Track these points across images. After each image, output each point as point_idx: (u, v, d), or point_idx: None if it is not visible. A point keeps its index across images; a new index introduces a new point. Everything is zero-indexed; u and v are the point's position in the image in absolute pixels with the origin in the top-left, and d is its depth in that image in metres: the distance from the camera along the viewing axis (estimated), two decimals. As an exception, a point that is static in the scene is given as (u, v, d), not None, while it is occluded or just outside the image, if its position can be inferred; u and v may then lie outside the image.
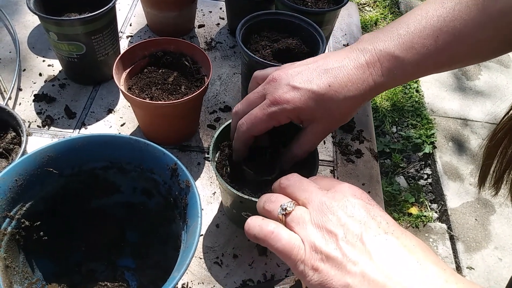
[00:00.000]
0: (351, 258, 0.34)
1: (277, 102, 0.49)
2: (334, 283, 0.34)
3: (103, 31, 0.71)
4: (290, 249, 0.36)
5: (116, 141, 0.48)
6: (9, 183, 0.44)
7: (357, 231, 0.35)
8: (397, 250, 0.35)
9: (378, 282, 0.33)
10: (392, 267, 0.34)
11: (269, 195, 0.43)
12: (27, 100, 0.75)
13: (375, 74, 0.48)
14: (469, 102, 2.18)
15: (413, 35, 0.48)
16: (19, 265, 0.46)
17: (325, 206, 0.38)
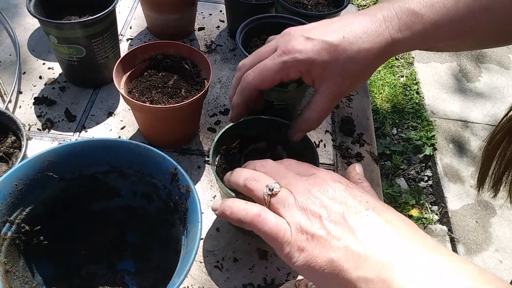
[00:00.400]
0: (334, 235, 0.35)
1: (289, 51, 0.47)
2: (318, 260, 0.35)
3: (103, 34, 0.71)
4: (277, 232, 0.37)
5: (117, 146, 0.48)
6: (9, 187, 0.44)
7: (339, 210, 0.36)
8: (379, 224, 0.35)
9: (361, 255, 0.34)
10: (374, 240, 0.34)
11: (250, 172, 0.43)
12: (27, 103, 0.75)
13: (392, 29, 0.46)
14: (470, 104, 2.18)
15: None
16: (19, 269, 0.46)
17: (308, 191, 0.38)
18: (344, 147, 0.75)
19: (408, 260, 0.33)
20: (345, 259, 0.34)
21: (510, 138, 0.45)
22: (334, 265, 0.35)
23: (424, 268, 0.32)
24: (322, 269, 0.35)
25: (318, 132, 0.77)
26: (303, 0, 0.81)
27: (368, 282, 0.33)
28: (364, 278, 0.33)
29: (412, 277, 0.31)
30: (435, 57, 2.43)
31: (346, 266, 0.34)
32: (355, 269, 0.34)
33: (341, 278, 0.34)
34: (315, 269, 0.36)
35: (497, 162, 0.47)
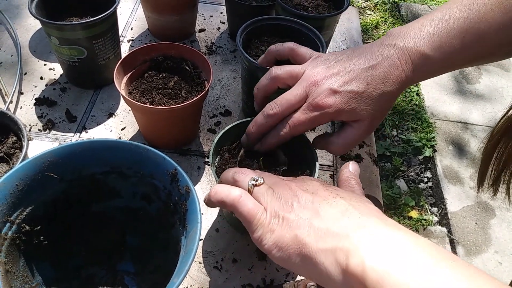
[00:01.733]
0: (301, 217, 0.39)
1: (320, 107, 0.51)
2: (285, 239, 0.39)
3: (104, 36, 0.71)
4: (254, 214, 0.41)
5: (117, 147, 0.48)
6: (10, 188, 0.44)
7: (309, 198, 0.41)
8: (342, 206, 0.39)
9: (321, 228, 0.37)
10: (335, 217, 0.38)
11: (238, 168, 0.48)
12: (28, 103, 0.76)
13: (407, 70, 0.51)
14: (470, 106, 2.18)
15: (442, 35, 0.51)
16: (19, 269, 0.46)
17: (286, 185, 0.43)
18: (343, 148, 0.76)
19: (366, 232, 0.35)
20: (307, 233, 0.38)
21: (507, 138, 0.46)
22: (298, 241, 0.38)
23: (381, 238, 0.35)
24: (287, 247, 0.38)
25: (318, 134, 0.77)
26: (303, 2, 0.81)
27: (327, 253, 0.36)
28: (323, 249, 0.36)
29: (369, 245, 0.34)
30: (436, 59, 2.43)
31: (308, 239, 0.37)
32: (315, 242, 0.37)
33: (304, 253, 0.37)
34: (282, 248, 0.39)
35: (495, 161, 0.49)
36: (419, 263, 0.32)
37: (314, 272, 0.37)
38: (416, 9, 2.70)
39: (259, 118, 0.56)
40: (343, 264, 0.34)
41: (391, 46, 0.52)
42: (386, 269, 0.32)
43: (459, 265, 0.31)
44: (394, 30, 0.54)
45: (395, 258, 0.32)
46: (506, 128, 0.46)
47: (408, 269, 0.31)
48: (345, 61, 0.53)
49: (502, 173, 0.49)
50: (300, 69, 0.55)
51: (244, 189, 0.44)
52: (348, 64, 0.53)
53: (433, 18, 0.52)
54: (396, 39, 0.52)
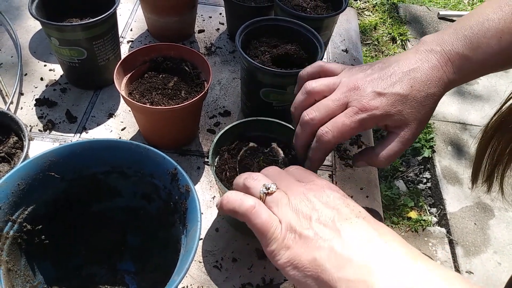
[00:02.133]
0: (321, 236, 0.37)
1: (366, 109, 0.49)
2: (302, 259, 0.36)
3: (104, 37, 0.72)
4: (268, 227, 0.39)
5: (117, 146, 0.48)
6: (11, 187, 0.44)
7: (329, 214, 0.38)
8: (366, 230, 0.37)
9: (344, 256, 0.35)
10: (359, 244, 0.36)
11: (250, 173, 0.45)
12: (28, 104, 0.76)
13: (449, 72, 0.51)
14: (468, 107, 2.19)
15: (479, 36, 0.50)
16: (20, 268, 0.46)
17: (303, 194, 0.40)
18: (342, 148, 0.76)
19: (390, 265, 0.34)
20: (328, 259, 0.35)
21: (500, 134, 0.47)
22: (317, 265, 0.36)
23: (404, 273, 0.33)
24: (304, 268, 0.36)
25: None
26: (302, 3, 0.82)
27: (349, 283, 0.34)
28: (345, 279, 0.34)
29: (391, 280, 0.32)
30: (434, 59, 2.44)
31: (329, 266, 0.35)
32: (337, 270, 0.35)
33: (322, 278, 0.35)
34: (297, 267, 0.37)
35: (489, 156, 0.50)
36: None
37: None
38: (415, 10, 2.71)
39: (297, 128, 0.53)
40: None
41: (429, 51, 0.51)
42: None
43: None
44: (427, 38, 0.53)
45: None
46: (499, 124, 0.47)
47: None
48: (382, 68, 0.52)
49: (496, 168, 0.49)
50: (336, 79, 0.53)
51: (256, 196, 0.42)
52: (387, 69, 0.51)
53: (466, 22, 0.52)
54: (431, 45, 0.52)
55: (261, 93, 0.69)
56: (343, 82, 0.52)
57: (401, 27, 2.57)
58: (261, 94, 0.69)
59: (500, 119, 0.46)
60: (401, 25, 2.59)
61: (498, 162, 0.48)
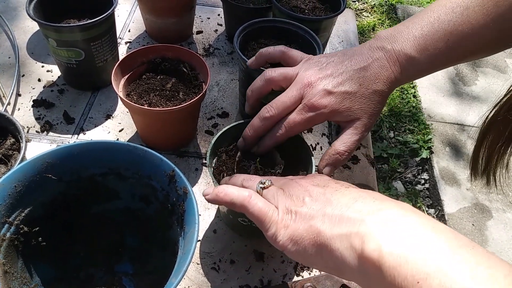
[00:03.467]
0: (314, 208, 0.40)
1: (315, 107, 0.53)
2: (300, 231, 0.39)
3: (102, 38, 0.71)
4: (265, 212, 0.42)
5: (115, 148, 0.48)
6: (8, 189, 0.44)
7: (320, 190, 0.42)
8: (355, 193, 0.40)
9: (335, 215, 0.38)
10: (349, 204, 0.38)
11: (247, 175, 0.49)
12: (26, 105, 0.76)
13: (396, 72, 0.54)
14: (466, 108, 2.19)
15: (427, 38, 0.54)
16: (17, 270, 0.46)
17: (295, 182, 0.44)
18: (340, 150, 0.76)
19: (381, 216, 0.35)
20: (322, 222, 0.38)
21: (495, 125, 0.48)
22: (312, 230, 0.38)
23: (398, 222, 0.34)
24: (302, 239, 0.39)
25: (315, 135, 0.78)
26: (300, 5, 0.82)
27: (342, 238, 0.36)
28: (339, 235, 0.36)
29: (385, 229, 0.34)
30: (432, 61, 2.44)
31: (323, 227, 0.38)
32: (330, 229, 0.37)
33: (319, 241, 0.37)
34: (297, 241, 0.39)
35: (484, 149, 0.51)
36: (437, 249, 0.31)
37: (329, 260, 0.37)
38: (413, 11, 2.72)
39: (255, 121, 0.56)
40: (358, 249, 0.34)
41: (380, 48, 0.55)
42: (403, 254, 0.31)
43: (479, 252, 0.31)
44: (382, 33, 0.56)
45: (413, 244, 0.32)
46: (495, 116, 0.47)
47: (426, 255, 0.31)
48: (336, 63, 0.55)
49: (490, 161, 0.51)
50: (294, 71, 0.56)
51: (253, 186, 0.46)
52: (340, 66, 0.55)
53: (419, 21, 0.55)
54: (384, 42, 0.55)
55: (259, 95, 0.69)
56: (299, 76, 0.55)
57: (399, 28, 2.57)
58: (259, 96, 0.69)
59: (498, 111, 0.47)
60: (399, 26, 2.59)
61: (492, 154, 0.49)
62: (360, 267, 0.34)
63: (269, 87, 0.58)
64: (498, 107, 0.46)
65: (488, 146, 0.50)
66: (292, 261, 0.61)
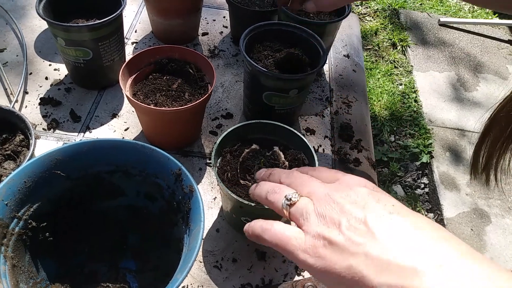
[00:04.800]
0: (354, 241, 0.34)
1: None
2: (337, 267, 0.34)
3: (109, 38, 0.73)
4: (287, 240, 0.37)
5: (123, 146, 0.49)
6: (18, 184, 0.45)
7: (360, 215, 0.35)
8: (403, 227, 0.34)
9: (382, 260, 0.32)
10: (397, 244, 0.32)
11: (272, 185, 0.43)
12: (33, 103, 0.77)
13: None
14: (467, 113, 2.20)
15: None
16: (25, 264, 0.47)
17: (328, 197, 0.38)
18: (342, 152, 0.77)
19: (436, 265, 0.30)
20: (365, 265, 0.33)
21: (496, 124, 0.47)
22: (353, 272, 0.33)
23: (455, 274, 0.30)
24: (341, 276, 0.34)
25: (318, 138, 0.79)
26: (305, 9, 0.83)
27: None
28: (386, 285, 0.31)
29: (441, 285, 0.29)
30: (434, 66, 2.45)
31: (366, 272, 0.32)
32: (376, 276, 0.32)
33: (361, 285, 0.33)
34: (333, 276, 0.34)
35: (485, 148, 0.50)
36: None
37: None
38: (416, 17, 2.73)
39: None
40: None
41: None
42: None
43: None
44: None
45: None
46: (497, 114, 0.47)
47: None
48: None
49: (490, 159, 0.49)
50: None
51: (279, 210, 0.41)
52: None
53: None
54: None
55: (264, 97, 0.70)
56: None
57: (402, 33, 2.59)
58: (264, 97, 0.70)
59: (501, 109, 0.46)
60: (402, 31, 2.60)
61: (493, 152, 0.48)
62: None
63: None
64: (501, 105, 0.46)
65: (489, 144, 0.48)
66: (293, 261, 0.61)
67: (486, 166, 0.50)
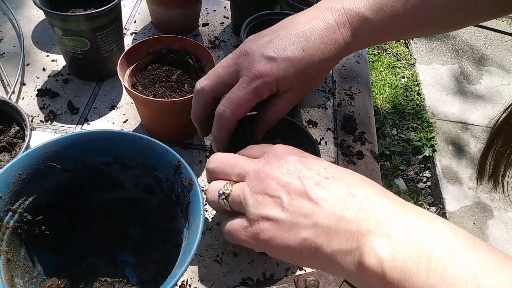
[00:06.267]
0: (300, 213, 0.35)
1: (256, 76, 0.46)
2: (291, 243, 0.35)
3: (108, 28, 0.71)
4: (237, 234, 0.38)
5: (120, 137, 0.48)
6: (12, 177, 0.44)
7: (298, 186, 0.36)
8: (341, 190, 0.35)
9: (331, 227, 0.34)
10: (341, 209, 0.34)
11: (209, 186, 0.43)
12: (30, 94, 0.76)
13: (346, 35, 0.47)
14: (470, 106, 2.19)
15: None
16: (20, 258, 0.46)
17: (262, 173, 0.38)
18: (345, 145, 0.76)
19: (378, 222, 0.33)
20: (317, 235, 0.34)
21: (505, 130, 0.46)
22: (308, 244, 0.35)
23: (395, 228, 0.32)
24: (298, 250, 0.35)
25: (320, 130, 0.77)
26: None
27: (343, 254, 0.33)
28: (339, 251, 0.33)
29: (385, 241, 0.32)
30: (437, 58, 2.43)
31: (320, 242, 0.34)
32: (328, 244, 0.34)
33: (318, 254, 0.34)
34: (291, 252, 0.36)
35: (493, 154, 0.49)
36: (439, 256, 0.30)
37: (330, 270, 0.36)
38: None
39: (192, 100, 0.51)
40: (361, 264, 0.32)
41: (328, 9, 0.47)
42: (407, 268, 0.30)
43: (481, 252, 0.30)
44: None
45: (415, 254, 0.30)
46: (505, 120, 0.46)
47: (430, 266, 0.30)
48: (277, 30, 0.48)
49: (499, 165, 0.49)
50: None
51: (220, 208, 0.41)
52: (282, 32, 0.47)
53: None
54: (333, 2, 0.48)
55: (265, 88, 0.68)
56: (240, 48, 0.48)
57: (405, 25, 2.56)
58: (265, 89, 0.69)
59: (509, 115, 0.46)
60: (405, 23, 2.58)
61: (501, 160, 0.48)
62: (364, 279, 0.33)
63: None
64: (509, 111, 0.44)
65: (496, 151, 0.47)
66: (295, 255, 0.60)
67: (494, 173, 0.49)
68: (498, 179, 0.49)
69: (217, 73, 0.48)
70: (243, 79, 0.46)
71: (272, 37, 0.47)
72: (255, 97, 0.47)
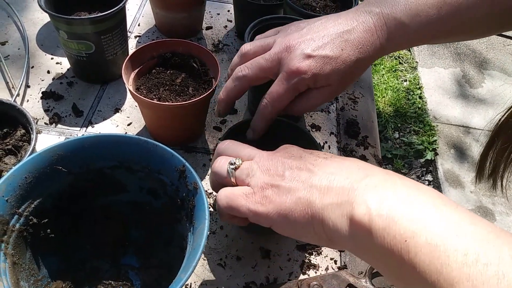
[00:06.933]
0: (298, 180, 0.39)
1: (294, 73, 0.50)
2: (288, 204, 0.39)
3: (112, 31, 0.71)
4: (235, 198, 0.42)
5: (126, 141, 0.48)
6: (19, 180, 0.44)
7: (300, 164, 0.41)
8: (336, 162, 0.40)
9: (323, 186, 0.38)
10: (335, 173, 0.39)
11: (217, 157, 0.47)
12: (34, 97, 0.76)
13: (382, 38, 0.50)
14: (472, 110, 2.19)
15: (419, 3, 0.50)
16: (25, 262, 0.46)
17: (269, 155, 0.43)
18: (348, 149, 0.76)
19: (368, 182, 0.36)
20: (311, 193, 0.38)
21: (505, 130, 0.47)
22: (301, 202, 0.38)
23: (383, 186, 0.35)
24: (292, 212, 0.39)
25: (323, 134, 0.78)
26: (311, 2, 0.82)
27: (334, 207, 0.36)
28: (330, 204, 0.37)
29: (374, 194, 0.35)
30: (439, 62, 2.43)
31: (313, 198, 0.38)
32: (320, 200, 0.37)
33: (310, 213, 0.38)
34: (287, 215, 0.39)
35: (493, 152, 0.50)
36: (423, 208, 0.33)
37: (321, 230, 0.38)
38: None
39: (228, 82, 0.54)
40: (349, 215, 0.35)
41: (367, 12, 0.51)
42: (392, 216, 0.33)
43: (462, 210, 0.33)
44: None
45: (400, 205, 0.33)
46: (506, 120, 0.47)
47: (413, 215, 0.33)
48: (318, 27, 0.52)
49: (498, 164, 0.50)
50: (271, 39, 0.54)
51: (226, 178, 0.45)
52: (322, 29, 0.51)
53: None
54: (372, 6, 0.51)
55: (269, 92, 0.69)
56: (278, 41, 0.52)
57: (407, 28, 2.57)
58: (269, 93, 0.69)
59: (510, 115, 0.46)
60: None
61: (501, 159, 0.49)
62: (351, 233, 0.35)
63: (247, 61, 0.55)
64: (511, 111, 0.45)
65: (496, 151, 0.49)
66: (298, 259, 0.60)
67: (493, 173, 0.51)
68: (497, 178, 0.50)
69: (260, 65, 0.52)
70: (283, 75, 0.51)
71: (314, 35, 0.51)
72: (294, 91, 0.51)
